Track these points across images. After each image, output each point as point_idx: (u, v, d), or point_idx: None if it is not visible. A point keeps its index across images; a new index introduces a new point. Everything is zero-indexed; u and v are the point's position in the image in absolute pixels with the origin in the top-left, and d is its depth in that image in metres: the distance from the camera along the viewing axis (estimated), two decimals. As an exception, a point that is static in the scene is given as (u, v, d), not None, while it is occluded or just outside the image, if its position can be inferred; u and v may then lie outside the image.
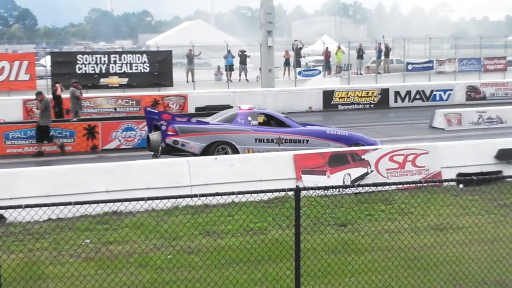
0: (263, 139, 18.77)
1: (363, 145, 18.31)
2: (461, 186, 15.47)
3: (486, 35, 57.12)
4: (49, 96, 28.33)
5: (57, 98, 26.42)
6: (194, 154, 17.95)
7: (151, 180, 14.26)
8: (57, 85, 26.87)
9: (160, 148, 18.27)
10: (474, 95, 35.73)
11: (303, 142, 18.91)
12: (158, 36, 76.86)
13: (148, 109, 20.53)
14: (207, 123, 18.96)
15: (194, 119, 18.97)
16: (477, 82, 37.72)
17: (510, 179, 15.32)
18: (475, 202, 13.66)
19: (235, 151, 18.37)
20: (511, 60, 47.61)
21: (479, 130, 25.77)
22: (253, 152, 18.23)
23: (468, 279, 9.26)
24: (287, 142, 18.85)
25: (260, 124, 19.17)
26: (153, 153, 18.64)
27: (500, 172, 16.63)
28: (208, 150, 18.24)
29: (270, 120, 19.47)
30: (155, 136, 18.59)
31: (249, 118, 19.04)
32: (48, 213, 11.30)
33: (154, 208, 13.01)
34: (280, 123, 19.37)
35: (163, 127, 18.24)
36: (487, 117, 27.08)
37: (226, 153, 18.20)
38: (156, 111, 20.23)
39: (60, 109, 26.33)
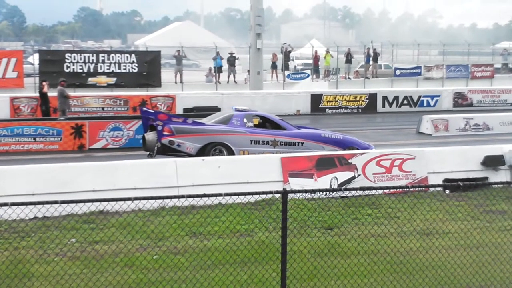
0: (259, 141, 18.83)
1: (358, 149, 18.38)
2: (447, 191, 15.53)
3: (474, 42, 57.45)
4: (36, 94, 28.34)
5: (43, 96, 26.34)
6: (190, 155, 17.97)
7: (138, 180, 14.22)
8: (43, 83, 26.78)
9: (156, 148, 18.28)
10: (461, 102, 35.91)
11: (298, 145, 18.97)
12: (147, 36, 76.72)
13: (144, 109, 20.54)
14: (203, 124, 18.99)
15: (190, 120, 19.00)
16: (464, 88, 37.91)
17: (496, 186, 15.40)
18: (461, 207, 13.72)
19: (231, 152, 18.41)
20: (498, 68, 47.92)
21: (466, 137, 25.89)
22: (248, 154, 18.27)
23: (453, 284, 9.30)
24: (282, 145, 18.92)
25: (255, 126, 19.21)
26: (148, 153, 18.63)
27: (486, 178, 16.72)
28: (203, 151, 18.26)
29: (266, 123, 19.53)
30: (150, 136, 18.59)
31: (245, 120, 19.10)
32: (34, 211, 11.18)
33: (140, 208, 12.98)
34: (275, 126, 19.44)
35: (159, 127, 18.25)
36: (474, 123, 27.22)
37: (221, 155, 18.24)
38: (153, 111, 20.27)
39: (47, 107, 26.24)
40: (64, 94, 25.21)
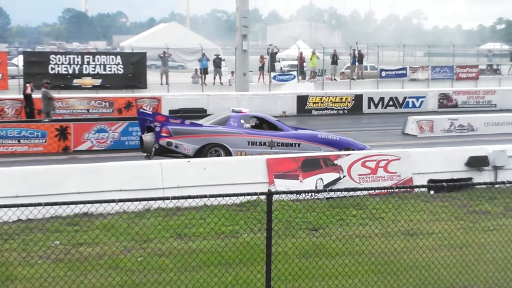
0: (256, 142, 18.90)
1: (353, 150, 18.47)
2: (431, 192, 15.59)
3: (459, 43, 57.69)
4: (21, 96, 28.19)
5: (28, 98, 26.21)
6: (187, 156, 18.00)
7: (123, 182, 14.17)
8: (27, 84, 26.69)
9: (153, 149, 18.31)
10: (446, 103, 36.05)
11: (295, 146, 19.06)
12: (132, 38, 76.44)
13: (141, 110, 20.62)
14: (200, 125, 19.06)
15: (187, 121, 19.06)
16: (449, 90, 38.07)
17: (480, 186, 15.47)
18: (445, 208, 13.77)
19: (228, 153, 18.47)
20: (483, 69, 48.16)
21: (451, 138, 26.01)
22: (245, 155, 18.29)
23: (437, 284, 9.34)
24: (279, 146, 19.00)
25: (252, 127, 19.28)
26: (146, 154, 18.63)
27: (470, 179, 16.79)
28: (201, 152, 18.33)
29: (262, 124, 19.63)
30: (148, 137, 18.59)
31: (242, 121, 19.18)
32: (17, 213, 11.15)
33: (125, 210, 12.85)
34: (272, 127, 19.53)
35: (157, 129, 18.29)
36: (458, 124, 27.35)
37: (219, 155, 18.31)
38: (150, 113, 20.36)
39: (32, 109, 26.13)
40: (48, 96, 25.12)
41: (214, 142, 18.65)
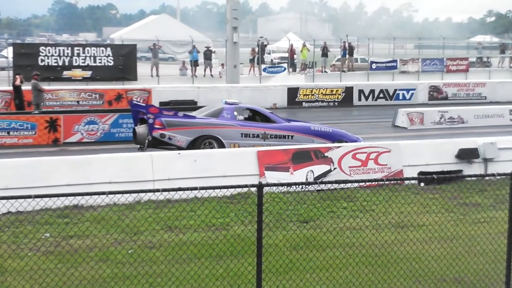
0: (249, 134, 18.91)
1: (346, 142, 18.50)
2: (422, 184, 15.63)
3: (449, 36, 57.77)
4: (10, 87, 28.07)
5: (17, 90, 26.08)
6: (180, 148, 17.99)
7: (113, 174, 14.13)
8: (17, 76, 26.57)
9: (147, 141, 18.28)
10: (436, 95, 36.12)
11: (288, 138, 19.08)
12: (122, 30, 76.12)
13: (134, 102, 20.55)
14: (193, 117, 19.05)
15: (181, 113, 19.03)
16: (439, 82, 38.15)
17: (470, 178, 15.51)
18: (435, 200, 13.82)
19: (221, 145, 18.47)
20: (473, 61, 48.24)
21: (441, 130, 26.06)
22: (239, 147, 18.28)
23: (427, 276, 9.37)
24: (272, 138, 19.02)
25: (245, 119, 19.28)
26: (139, 146, 18.61)
27: (461, 171, 16.84)
28: (194, 144, 18.33)
29: (256, 116, 19.66)
30: (141, 129, 18.56)
31: (235, 113, 19.18)
32: (7, 206, 11.07)
33: (115, 203, 12.87)
34: (265, 119, 19.55)
35: (150, 121, 18.25)
36: (448, 117, 27.40)
37: (212, 148, 18.32)
38: (143, 105, 20.35)
39: (21, 101, 26.01)
40: (38, 88, 25.00)
41: (207, 134, 18.65)
